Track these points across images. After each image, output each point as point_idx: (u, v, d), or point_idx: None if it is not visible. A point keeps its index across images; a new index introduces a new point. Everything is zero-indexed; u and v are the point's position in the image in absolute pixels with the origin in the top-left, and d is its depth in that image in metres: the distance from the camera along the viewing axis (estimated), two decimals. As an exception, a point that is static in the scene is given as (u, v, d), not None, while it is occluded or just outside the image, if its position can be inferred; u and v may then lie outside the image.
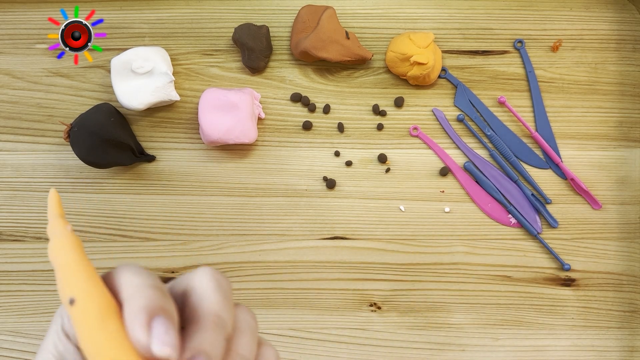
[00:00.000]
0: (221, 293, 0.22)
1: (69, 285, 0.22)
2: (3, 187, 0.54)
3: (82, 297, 0.21)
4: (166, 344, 0.19)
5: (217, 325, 0.21)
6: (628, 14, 0.54)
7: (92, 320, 0.21)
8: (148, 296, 0.20)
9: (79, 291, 0.21)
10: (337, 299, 0.54)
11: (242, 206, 0.54)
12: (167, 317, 0.20)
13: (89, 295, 0.21)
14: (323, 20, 0.51)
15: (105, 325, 0.21)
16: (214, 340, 0.21)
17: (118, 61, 0.50)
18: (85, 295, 0.21)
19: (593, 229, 0.54)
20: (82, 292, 0.21)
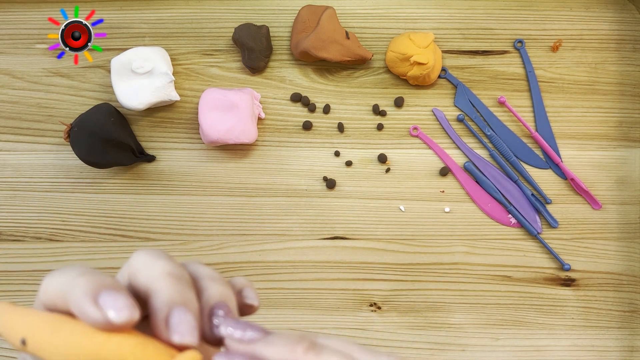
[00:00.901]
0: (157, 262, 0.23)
1: (14, 332, 0.22)
2: (3, 187, 0.54)
3: (30, 331, 0.21)
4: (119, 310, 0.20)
5: (173, 278, 0.22)
6: (628, 14, 0.54)
7: (49, 338, 0.21)
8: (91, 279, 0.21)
9: (25, 329, 0.21)
10: (337, 299, 0.54)
11: (242, 206, 0.54)
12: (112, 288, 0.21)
13: (33, 326, 0.22)
14: (323, 20, 0.51)
15: (60, 333, 0.21)
16: (179, 290, 0.21)
17: (118, 61, 0.50)
18: (31, 327, 0.21)
19: (593, 229, 0.54)
20: (27, 328, 0.21)
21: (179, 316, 0.21)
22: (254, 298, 0.25)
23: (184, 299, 0.21)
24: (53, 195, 0.54)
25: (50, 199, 0.54)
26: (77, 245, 0.54)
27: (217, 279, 0.24)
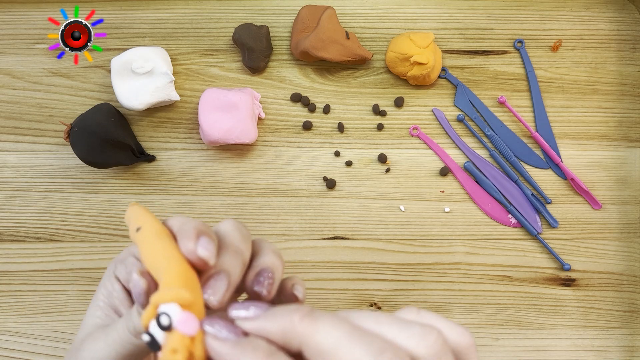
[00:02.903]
0: (239, 233, 0.28)
1: (137, 221, 0.28)
2: (3, 187, 0.54)
3: (146, 225, 0.28)
4: (208, 250, 0.25)
5: (235, 252, 0.27)
6: (628, 14, 0.54)
7: (152, 237, 0.27)
8: (196, 225, 0.27)
9: (143, 222, 0.28)
10: (337, 299, 0.54)
11: (242, 206, 0.54)
12: (209, 237, 0.26)
13: (150, 224, 0.28)
14: (323, 20, 0.51)
15: (161, 240, 0.27)
16: (233, 262, 0.26)
17: (118, 61, 0.50)
18: (148, 224, 0.28)
19: (593, 229, 0.54)
20: (146, 223, 0.28)
21: (217, 279, 0.25)
22: (300, 292, 0.28)
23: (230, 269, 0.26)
24: (53, 195, 0.54)
25: (50, 199, 0.54)
26: (77, 245, 0.54)
27: (277, 253, 0.29)
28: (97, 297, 0.32)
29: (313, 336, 0.20)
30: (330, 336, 0.19)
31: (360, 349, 0.19)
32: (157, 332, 0.22)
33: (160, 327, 0.22)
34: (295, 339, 0.20)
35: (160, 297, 0.23)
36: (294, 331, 0.20)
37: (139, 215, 0.29)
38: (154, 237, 0.27)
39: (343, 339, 0.19)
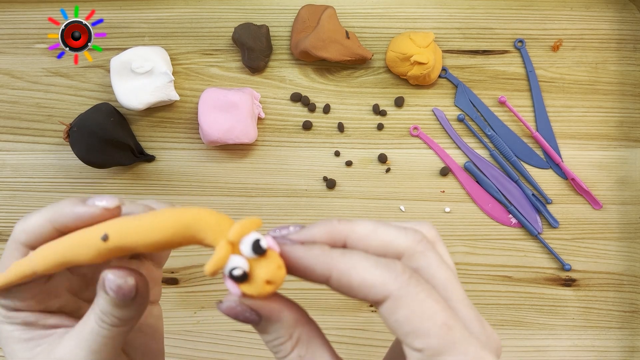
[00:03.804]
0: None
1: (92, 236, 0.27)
2: (3, 187, 0.54)
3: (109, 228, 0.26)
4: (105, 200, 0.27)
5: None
6: (628, 13, 0.54)
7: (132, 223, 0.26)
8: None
9: (104, 228, 0.26)
10: (337, 299, 0.54)
11: (242, 206, 0.54)
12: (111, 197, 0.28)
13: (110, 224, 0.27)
14: (323, 20, 0.51)
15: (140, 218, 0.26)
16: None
17: (118, 61, 0.50)
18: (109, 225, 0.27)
19: (593, 229, 0.54)
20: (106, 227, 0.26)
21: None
22: None
23: None
24: (52, 195, 0.54)
25: (49, 199, 0.54)
26: (76, 246, 0.54)
27: None
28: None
29: (354, 228, 0.26)
30: (367, 225, 0.26)
31: (393, 229, 0.26)
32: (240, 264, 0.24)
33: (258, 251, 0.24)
34: (340, 235, 0.26)
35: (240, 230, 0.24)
36: (337, 230, 0.26)
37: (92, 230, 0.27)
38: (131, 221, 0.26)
39: (378, 225, 0.26)
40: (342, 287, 0.26)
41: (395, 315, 0.24)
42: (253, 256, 0.24)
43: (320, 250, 0.26)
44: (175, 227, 0.25)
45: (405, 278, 0.24)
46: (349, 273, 0.25)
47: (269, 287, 0.24)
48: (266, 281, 0.24)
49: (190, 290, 0.54)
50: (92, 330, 0.28)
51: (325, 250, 0.26)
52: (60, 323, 0.30)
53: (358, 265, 0.25)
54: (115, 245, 0.26)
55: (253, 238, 0.24)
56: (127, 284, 0.26)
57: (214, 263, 0.24)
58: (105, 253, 0.26)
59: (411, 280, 0.24)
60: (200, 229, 0.25)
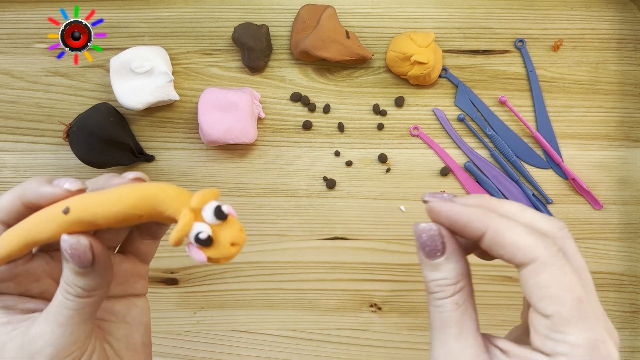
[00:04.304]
0: None
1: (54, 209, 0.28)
2: (2, 187, 0.54)
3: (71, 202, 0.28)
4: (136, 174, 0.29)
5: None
6: (629, 13, 0.54)
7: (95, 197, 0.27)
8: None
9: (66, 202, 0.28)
10: (337, 300, 0.54)
11: (242, 206, 0.54)
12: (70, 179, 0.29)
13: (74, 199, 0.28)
14: (323, 19, 0.51)
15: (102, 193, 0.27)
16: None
17: (117, 61, 0.50)
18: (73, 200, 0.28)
19: (594, 229, 0.54)
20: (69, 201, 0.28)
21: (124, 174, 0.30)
22: None
23: None
24: (52, 195, 0.54)
25: (49, 199, 0.54)
26: (76, 246, 0.53)
27: None
28: None
29: (504, 206, 0.29)
30: (515, 205, 0.29)
31: (538, 213, 0.29)
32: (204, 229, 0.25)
33: (220, 216, 0.25)
34: (490, 208, 0.28)
35: (201, 199, 0.26)
36: (489, 203, 0.29)
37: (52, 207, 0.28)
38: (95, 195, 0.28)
39: (525, 207, 0.29)
40: (494, 244, 0.27)
41: (537, 278, 0.26)
42: (215, 222, 0.26)
43: (480, 209, 0.28)
44: (135, 198, 0.26)
45: (554, 250, 0.27)
46: (504, 233, 0.27)
47: (233, 249, 0.26)
48: (231, 243, 0.26)
49: (190, 290, 0.54)
50: (59, 303, 0.29)
51: (485, 210, 0.28)
52: (39, 307, 0.31)
53: (514, 228, 0.27)
54: (77, 217, 0.27)
55: (214, 205, 0.26)
56: (80, 244, 0.27)
57: (179, 230, 0.25)
58: (66, 226, 0.27)
59: (559, 253, 0.27)
60: (161, 201, 0.26)
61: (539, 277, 0.26)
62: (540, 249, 0.26)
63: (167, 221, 0.28)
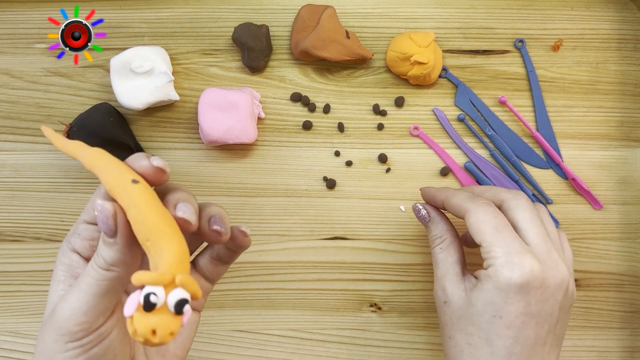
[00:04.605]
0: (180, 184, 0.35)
1: (127, 173, 0.30)
2: (2, 187, 0.54)
3: (142, 181, 0.30)
4: (186, 213, 0.31)
5: (184, 189, 0.33)
6: (629, 13, 0.54)
7: (152, 196, 0.29)
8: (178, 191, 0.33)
9: (138, 178, 0.30)
10: (338, 300, 0.54)
11: (242, 206, 0.54)
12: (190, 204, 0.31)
13: (144, 181, 0.31)
14: (323, 19, 0.51)
15: (157, 200, 0.30)
16: (187, 195, 0.32)
17: (117, 61, 0.50)
18: (142, 180, 0.30)
19: (594, 229, 0.54)
20: (140, 179, 0.30)
21: (185, 204, 0.31)
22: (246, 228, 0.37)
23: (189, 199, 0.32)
24: (52, 195, 0.54)
25: (49, 199, 0.54)
26: (76, 246, 0.54)
27: (215, 205, 0.35)
28: (56, 274, 0.34)
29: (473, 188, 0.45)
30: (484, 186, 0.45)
31: (503, 189, 0.44)
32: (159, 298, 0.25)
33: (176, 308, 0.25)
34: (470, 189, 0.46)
35: (187, 282, 0.26)
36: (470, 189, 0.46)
37: (123, 168, 0.31)
38: (152, 195, 0.30)
39: (492, 186, 0.45)
40: (448, 207, 0.43)
41: (469, 221, 0.40)
42: (170, 308, 0.25)
43: (443, 188, 0.45)
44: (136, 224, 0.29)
45: (479, 203, 0.41)
46: (450, 199, 0.43)
47: (150, 336, 0.25)
48: (153, 330, 0.25)
49: (190, 290, 0.54)
50: (85, 270, 0.31)
51: (447, 188, 0.45)
52: None
53: (457, 195, 0.43)
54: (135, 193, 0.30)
55: (183, 297, 0.25)
56: (105, 208, 0.29)
57: (151, 278, 0.25)
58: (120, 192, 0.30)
59: (483, 204, 0.41)
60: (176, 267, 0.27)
61: (470, 220, 0.40)
62: (468, 203, 0.41)
63: (150, 257, 0.28)
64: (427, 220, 0.45)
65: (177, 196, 0.32)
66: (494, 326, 0.38)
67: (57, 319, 0.31)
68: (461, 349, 0.40)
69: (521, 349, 0.38)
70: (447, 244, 0.44)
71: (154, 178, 0.31)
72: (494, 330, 0.38)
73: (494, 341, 0.38)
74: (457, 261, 0.43)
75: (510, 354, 0.38)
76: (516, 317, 0.37)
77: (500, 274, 0.38)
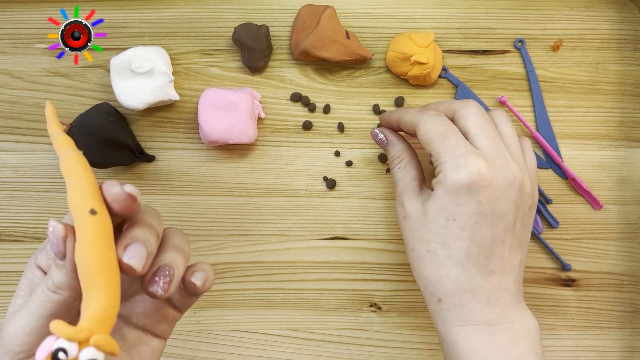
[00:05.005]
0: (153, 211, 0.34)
1: (90, 198, 0.29)
2: (2, 187, 0.54)
3: (102, 211, 0.29)
4: (132, 259, 0.29)
5: (148, 225, 0.31)
6: (629, 13, 0.54)
7: (107, 230, 0.28)
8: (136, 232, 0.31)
9: (99, 206, 0.29)
10: (337, 300, 0.54)
11: (242, 206, 0.54)
12: (142, 247, 0.30)
13: (105, 212, 0.29)
14: (323, 19, 0.51)
15: (107, 239, 0.28)
16: (147, 234, 0.31)
17: (117, 61, 0.50)
18: (103, 211, 0.29)
19: (594, 229, 0.54)
20: (101, 208, 0.29)
21: (136, 248, 0.30)
22: (199, 279, 0.34)
23: (146, 240, 0.31)
24: (52, 195, 0.54)
25: (49, 199, 0.54)
26: (76, 246, 0.53)
27: (178, 249, 0.33)
28: (19, 288, 0.34)
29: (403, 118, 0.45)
30: (440, 102, 0.45)
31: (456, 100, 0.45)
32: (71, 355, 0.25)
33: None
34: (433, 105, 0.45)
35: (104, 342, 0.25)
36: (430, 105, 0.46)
37: (88, 189, 0.29)
38: (108, 229, 0.28)
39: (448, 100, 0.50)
40: (402, 125, 0.44)
41: (419, 134, 0.41)
42: None
43: (397, 111, 0.46)
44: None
45: (428, 114, 0.42)
46: (403, 116, 0.44)
47: None
48: None
49: (190, 290, 0.54)
50: (35, 291, 0.31)
51: (399, 110, 0.46)
52: None
53: (409, 112, 0.44)
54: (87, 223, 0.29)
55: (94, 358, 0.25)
56: (56, 230, 0.29)
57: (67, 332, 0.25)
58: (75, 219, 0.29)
59: (431, 114, 0.41)
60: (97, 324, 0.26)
61: (419, 133, 0.41)
62: (418, 116, 0.42)
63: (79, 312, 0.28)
64: (385, 143, 0.47)
65: (133, 234, 0.30)
66: (448, 230, 0.39)
67: (3, 336, 0.30)
68: (422, 258, 0.40)
69: (478, 249, 0.38)
70: (405, 163, 0.45)
71: (124, 206, 0.30)
72: (449, 233, 0.39)
73: (451, 244, 0.39)
74: (415, 178, 0.44)
75: (468, 255, 0.38)
76: (469, 217, 0.38)
77: (448, 177, 0.38)
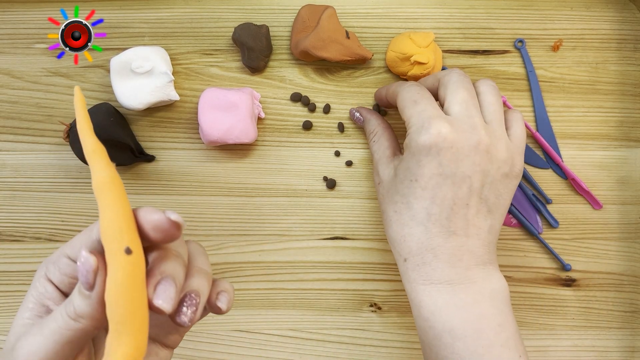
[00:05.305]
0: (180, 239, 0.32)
1: (126, 234, 0.27)
2: (2, 187, 0.54)
3: (137, 250, 0.26)
4: (164, 303, 0.28)
5: (176, 256, 0.30)
6: (629, 13, 0.54)
7: (140, 271, 0.26)
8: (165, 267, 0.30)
9: (134, 244, 0.27)
10: (337, 300, 0.54)
11: (242, 206, 0.54)
12: (172, 286, 0.29)
13: (140, 251, 0.27)
14: (323, 19, 0.51)
15: (140, 281, 0.26)
16: (175, 267, 0.29)
17: (117, 61, 0.50)
18: (138, 249, 0.27)
19: (594, 229, 0.54)
20: (137, 246, 0.27)
21: (165, 288, 0.28)
22: (224, 302, 0.34)
23: (175, 275, 0.29)
24: (52, 195, 0.54)
25: (49, 199, 0.54)
26: (76, 246, 0.53)
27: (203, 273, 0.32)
28: (27, 300, 0.32)
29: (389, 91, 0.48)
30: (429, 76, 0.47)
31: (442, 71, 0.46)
32: None
33: None
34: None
35: None
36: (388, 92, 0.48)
37: (123, 221, 0.27)
38: (142, 273, 0.26)
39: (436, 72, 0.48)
40: (388, 97, 0.48)
41: (397, 102, 0.44)
42: None
43: (385, 86, 0.49)
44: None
45: (407, 84, 0.45)
46: (389, 90, 0.47)
47: None
48: None
49: (190, 290, 0.54)
50: (52, 314, 0.30)
51: (388, 85, 0.49)
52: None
53: (393, 86, 0.46)
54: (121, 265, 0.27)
55: None
56: (88, 262, 0.27)
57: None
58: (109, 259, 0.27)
59: (409, 84, 0.44)
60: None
61: (397, 101, 0.44)
62: (398, 87, 0.45)
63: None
64: (362, 121, 0.50)
65: (162, 269, 0.29)
66: (411, 190, 0.41)
67: (15, 356, 0.29)
68: (390, 219, 0.43)
69: (439, 209, 0.40)
70: (379, 135, 0.48)
71: (167, 235, 0.28)
72: (412, 193, 0.40)
73: (413, 204, 0.40)
74: (388, 147, 0.46)
75: (429, 214, 0.40)
76: (430, 178, 0.40)
77: (412, 139, 0.40)
